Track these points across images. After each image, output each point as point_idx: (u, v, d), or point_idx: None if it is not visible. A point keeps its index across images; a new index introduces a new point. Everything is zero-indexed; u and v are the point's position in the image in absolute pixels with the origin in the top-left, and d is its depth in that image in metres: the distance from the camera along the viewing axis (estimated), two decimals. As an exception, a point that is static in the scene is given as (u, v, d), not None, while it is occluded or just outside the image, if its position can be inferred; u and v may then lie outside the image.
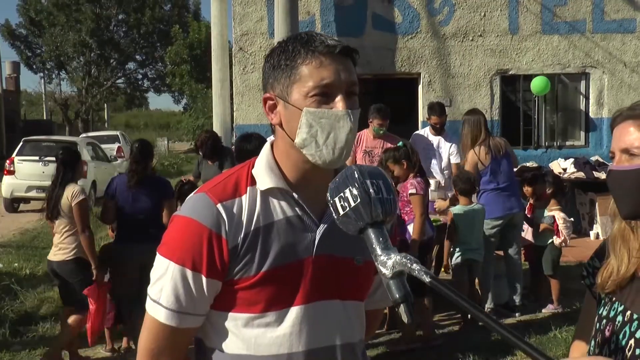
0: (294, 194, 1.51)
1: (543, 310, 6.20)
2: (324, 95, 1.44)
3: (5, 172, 14.86)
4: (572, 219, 6.36)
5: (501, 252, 6.38)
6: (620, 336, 1.49)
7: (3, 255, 9.62)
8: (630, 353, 1.45)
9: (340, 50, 1.46)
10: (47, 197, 5.17)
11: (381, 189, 1.27)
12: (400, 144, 5.66)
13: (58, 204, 5.02)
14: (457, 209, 5.86)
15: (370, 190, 1.25)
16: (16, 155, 15.15)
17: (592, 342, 1.59)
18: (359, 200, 1.24)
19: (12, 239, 11.45)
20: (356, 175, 1.27)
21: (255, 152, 4.58)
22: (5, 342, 5.81)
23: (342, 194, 1.26)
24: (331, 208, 1.29)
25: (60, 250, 5.11)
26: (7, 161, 15.39)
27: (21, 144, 15.60)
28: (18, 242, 10.89)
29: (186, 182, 6.52)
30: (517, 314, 6.08)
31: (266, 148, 1.57)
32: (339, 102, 1.45)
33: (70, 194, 4.99)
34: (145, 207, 5.10)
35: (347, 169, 1.31)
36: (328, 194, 1.30)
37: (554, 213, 6.30)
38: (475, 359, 5.02)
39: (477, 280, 6.11)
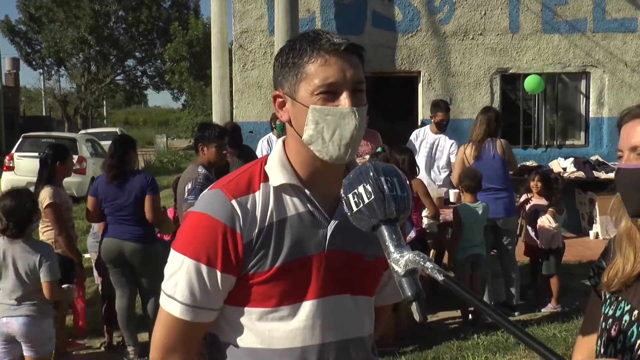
0: (306, 190, 1.53)
1: (542, 310, 6.20)
2: (329, 93, 1.47)
3: (4, 168, 14.87)
4: (556, 224, 6.30)
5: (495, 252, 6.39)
6: (628, 335, 1.49)
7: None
8: (639, 353, 1.44)
9: (346, 47, 1.48)
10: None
11: (395, 187, 1.28)
12: (379, 149, 5.69)
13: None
14: (462, 206, 5.88)
15: (385, 187, 1.26)
16: (15, 151, 15.16)
17: (599, 342, 1.58)
18: (372, 197, 1.25)
19: (11, 235, 11.42)
20: (370, 172, 1.28)
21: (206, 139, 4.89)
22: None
23: (355, 191, 1.27)
24: (344, 204, 1.30)
25: None
26: (7, 157, 15.39)
27: (20, 140, 15.62)
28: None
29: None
30: (516, 313, 6.07)
31: (279, 145, 1.60)
32: (344, 100, 1.47)
33: (41, 197, 4.99)
34: (126, 203, 5.06)
35: (362, 165, 1.32)
36: (342, 190, 1.31)
37: (544, 216, 6.29)
38: (474, 358, 5.02)
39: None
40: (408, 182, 1.34)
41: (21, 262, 3.90)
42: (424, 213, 6.06)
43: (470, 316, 5.84)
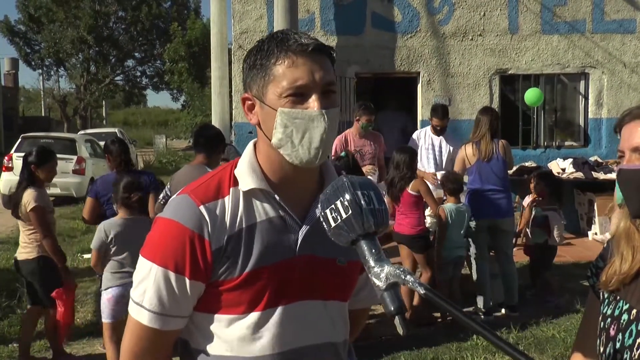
0: (276, 195, 1.50)
1: (541, 309, 6.20)
2: (298, 95, 1.43)
3: (3, 169, 14.85)
4: (564, 222, 6.34)
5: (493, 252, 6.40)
6: (627, 335, 1.49)
7: (1, 252, 9.60)
8: (638, 352, 1.45)
9: (314, 48, 1.44)
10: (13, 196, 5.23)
11: (372, 200, 1.26)
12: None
13: (18, 207, 5.01)
14: (447, 207, 5.89)
15: (362, 201, 1.24)
16: (14, 151, 15.14)
17: (598, 341, 1.59)
18: (350, 211, 1.24)
19: (10, 235, 11.44)
20: (347, 186, 1.26)
21: (209, 141, 4.52)
22: (4, 337, 5.81)
23: (333, 206, 1.25)
24: (322, 220, 1.28)
25: (23, 249, 5.13)
26: (6, 158, 15.38)
27: (19, 140, 15.61)
28: (16, 239, 10.82)
29: None
30: (516, 313, 6.08)
31: (249, 148, 1.56)
32: (313, 102, 1.43)
33: (25, 200, 4.94)
34: None
35: (338, 180, 1.30)
36: (319, 206, 1.29)
37: (547, 213, 6.32)
38: (473, 358, 5.02)
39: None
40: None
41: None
42: (427, 212, 6.07)
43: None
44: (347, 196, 1.24)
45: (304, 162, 1.46)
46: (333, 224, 1.25)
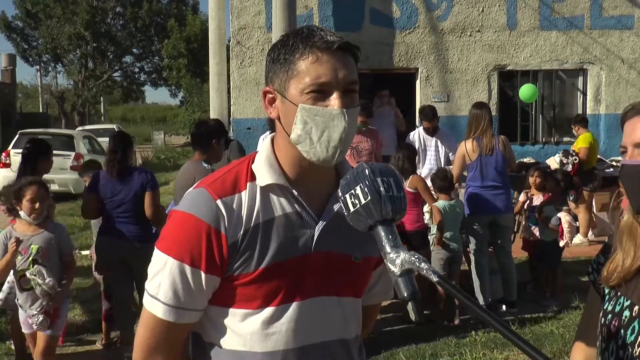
0: (293, 190, 1.50)
1: (540, 305, 6.21)
2: (320, 92, 1.43)
3: (1, 165, 14.82)
4: (577, 223, 6.35)
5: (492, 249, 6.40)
6: (629, 332, 1.49)
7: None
8: (639, 350, 1.45)
9: (339, 46, 1.44)
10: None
11: (392, 187, 1.27)
12: None
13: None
14: (439, 205, 5.88)
15: (381, 188, 1.26)
16: (12, 148, 15.11)
17: (599, 338, 1.58)
18: (369, 197, 1.25)
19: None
20: (367, 173, 1.28)
21: (207, 136, 4.74)
22: (2, 335, 5.80)
23: (352, 191, 1.27)
24: (342, 204, 1.30)
25: None
26: (3, 154, 15.34)
27: (17, 136, 15.56)
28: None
29: None
30: (515, 309, 6.08)
31: (266, 143, 1.56)
32: (334, 101, 1.43)
33: None
34: (126, 199, 5.02)
35: (358, 166, 1.31)
36: (339, 190, 1.31)
37: (561, 215, 6.31)
38: (472, 354, 5.03)
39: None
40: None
41: None
42: (426, 208, 6.07)
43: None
44: (367, 182, 1.26)
45: (321, 160, 1.46)
46: (352, 209, 1.27)
